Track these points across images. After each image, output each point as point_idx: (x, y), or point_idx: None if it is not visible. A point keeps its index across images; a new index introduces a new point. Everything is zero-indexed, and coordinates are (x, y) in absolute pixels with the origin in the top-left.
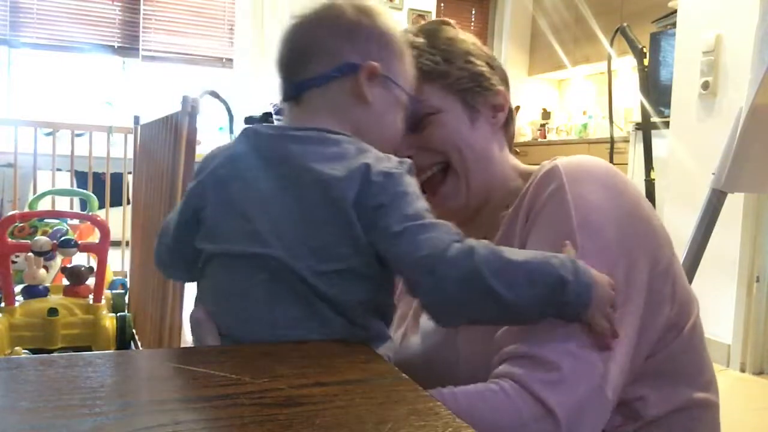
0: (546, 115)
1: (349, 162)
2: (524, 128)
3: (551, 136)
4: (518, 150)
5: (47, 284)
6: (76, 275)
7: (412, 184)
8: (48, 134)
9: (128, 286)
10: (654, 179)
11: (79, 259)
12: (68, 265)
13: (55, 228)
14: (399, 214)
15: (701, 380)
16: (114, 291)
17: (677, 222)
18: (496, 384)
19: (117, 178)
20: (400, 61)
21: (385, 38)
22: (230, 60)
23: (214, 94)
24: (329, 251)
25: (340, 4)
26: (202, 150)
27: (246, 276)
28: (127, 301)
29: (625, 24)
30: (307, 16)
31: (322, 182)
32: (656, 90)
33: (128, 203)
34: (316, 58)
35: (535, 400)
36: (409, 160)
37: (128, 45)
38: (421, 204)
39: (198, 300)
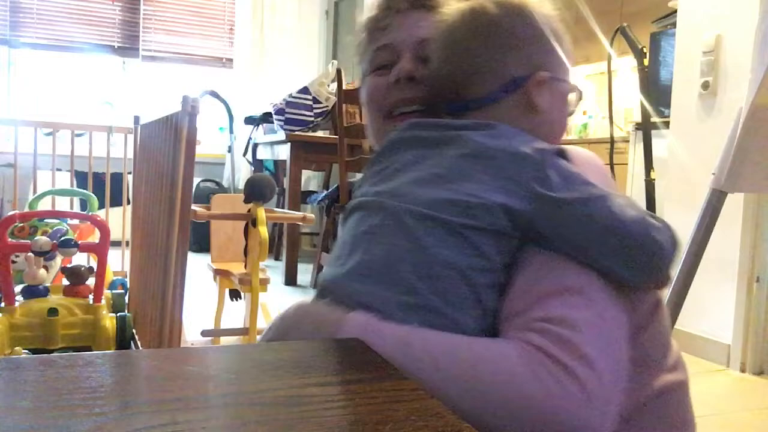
0: None
1: (508, 140)
2: None
3: None
4: None
5: (47, 284)
6: (76, 275)
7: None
8: (48, 134)
9: (128, 286)
10: (654, 179)
11: (79, 259)
12: (68, 265)
13: (55, 228)
14: (577, 186)
15: (669, 362)
16: (114, 291)
17: (677, 222)
18: (511, 343)
19: (117, 178)
20: (560, 50)
21: (544, 35)
22: (230, 60)
23: (214, 94)
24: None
25: (486, 8)
26: (202, 150)
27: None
28: (127, 301)
29: (625, 24)
30: (456, 27)
31: (475, 148)
32: (656, 90)
33: (128, 203)
34: (479, 79)
35: (556, 362)
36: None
37: (128, 45)
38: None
39: None
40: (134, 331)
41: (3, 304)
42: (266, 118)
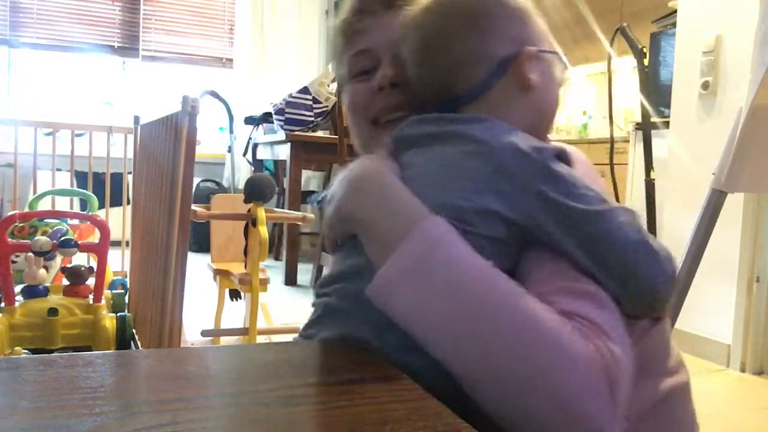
0: None
1: (506, 135)
2: None
3: (551, 136)
4: None
5: (47, 284)
6: (76, 275)
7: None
8: (48, 134)
9: (128, 286)
10: (654, 179)
11: (79, 259)
12: (68, 265)
13: (55, 228)
14: (580, 193)
15: (671, 364)
16: (114, 291)
17: (677, 222)
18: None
19: (117, 178)
20: (536, 22)
21: (518, 8)
22: (230, 60)
23: (214, 94)
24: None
25: None
26: (202, 150)
27: None
28: (127, 301)
29: (625, 24)
30: (425, 23)
31: (473, 143)
32: (656, 90)
33: (128, 203)
34: (464, 72)
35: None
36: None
37: (128, 45)
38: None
39: None
40: (134, 331)
41: (3, 304)
42: (266, 118)
